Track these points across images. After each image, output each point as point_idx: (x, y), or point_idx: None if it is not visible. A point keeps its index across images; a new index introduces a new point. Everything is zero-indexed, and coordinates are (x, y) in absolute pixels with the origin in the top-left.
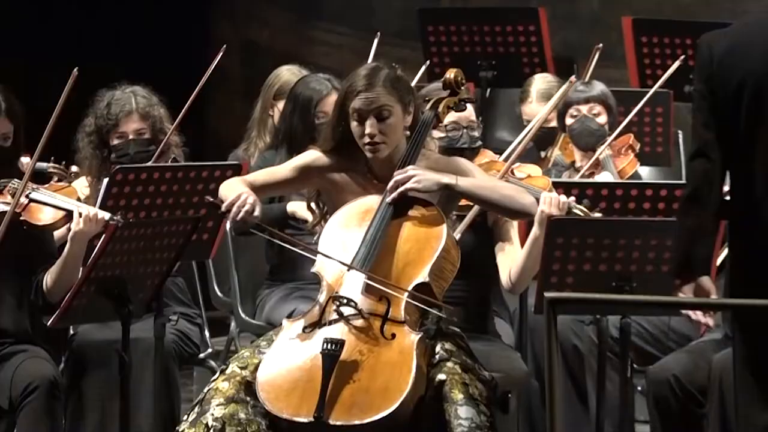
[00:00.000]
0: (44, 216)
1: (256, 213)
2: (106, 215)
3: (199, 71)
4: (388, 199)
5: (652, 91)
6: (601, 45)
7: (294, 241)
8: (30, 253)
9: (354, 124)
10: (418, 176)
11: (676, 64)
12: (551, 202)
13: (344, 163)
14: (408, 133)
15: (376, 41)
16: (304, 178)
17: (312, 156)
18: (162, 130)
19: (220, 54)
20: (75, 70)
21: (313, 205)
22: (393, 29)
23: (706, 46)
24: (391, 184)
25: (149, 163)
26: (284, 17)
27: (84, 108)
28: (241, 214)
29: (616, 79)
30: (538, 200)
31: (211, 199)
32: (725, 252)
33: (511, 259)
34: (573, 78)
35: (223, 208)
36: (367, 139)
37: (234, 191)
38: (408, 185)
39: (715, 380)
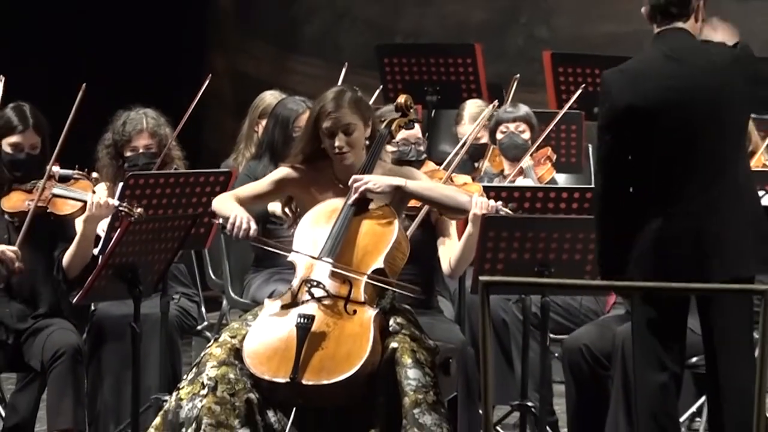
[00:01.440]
0: (65, 207)
1: (252, 229)
2: (116, 202)
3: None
4: (350, 201)
5: (563, 111)
6: (518, 75)
7: (281, 247)
8: (57, 240)
9: (326, 139)
10: (374, 180)
11: (579, 91)
12: (482, 205)
13: (312, 173)
14: (367, 143)
15: (343, 71)
16: (279, 189)
17: (284, 171)
18: (167, 145)
19: (207, 81)
20: (83, 85)
21: (286, 209)
22: (357, 61)
23: (608, 79)
24: (352, 187)
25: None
26: (268, 51)
27: (97, 122)
28: (241, 234)
29: (538, 102)
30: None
31: (219, 221)
32: None
33: (450, 250)
34: (496, 102)
35: (227, 230)
36: (336, 151)
37: (227, 208)
38: (366, 187)
39: (618, 348)
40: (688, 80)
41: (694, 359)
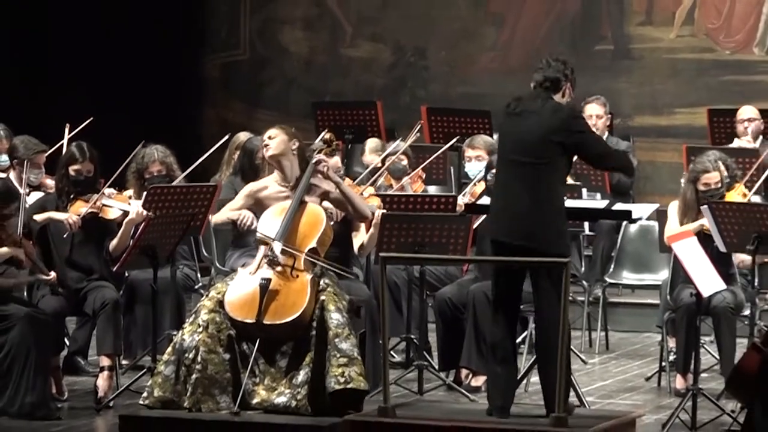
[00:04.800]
0: (111, 213)
1: (255, 224)
2: (146, 212)
3: (193, 136)
4: (298, 195)
5: (442, 148)
6: (421, 122)
7: (264, 235)
8: (104, 233)
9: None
10: (330, 167)
11: (452, 141)
12: (380, 216)
13: (264, 187)
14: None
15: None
16: (250, 199)
17: (250, 188)
18: (173, 169)
19: (224, 139)
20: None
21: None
22: (303, 112)
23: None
24: (308, 178)
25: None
26: (240, 106)
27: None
28: (248, 224)
29: (420, 140)
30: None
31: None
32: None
33: (359, 238)
34: (403, 141)
35: (239, 224)
36: (264, 143)
37: (231, 215)
38: (323, 167)
39: (470, 301)
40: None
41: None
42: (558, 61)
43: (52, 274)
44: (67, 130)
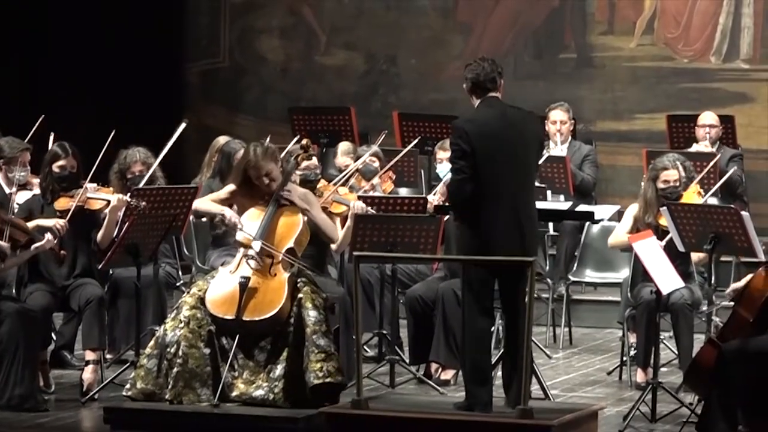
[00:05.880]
0: (96, 204)
1: (240, 225)
2: (128, 198)
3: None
4: (274, 203)
5: (405, 149)
6: (386, 131)
7: (244, 231)
8: (90, 229)
9: (255, 179)
10: (296, 199)
11: (415, 141)
12: (356, 207)
13: (247, 189)
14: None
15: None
16: (231, 197)
17: (232, 187)
18: (154, 170)
19: (181, 127)
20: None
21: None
22: (280, 117)
23: (461, 123)
24: (281, 195)
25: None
26: (220, 111)
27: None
28: (233, 224)
29: (392, 144)
30: (347, 206)
31: (227, 221)
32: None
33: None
34: (373, 145)
35: (226, 222)
36: (266, 183)
37: (214, 208)
38: (291, 198)
39: (439, 298)
40: (505, 125)
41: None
42: (486, 60)
43: (48, 236)
44: (51, 139)
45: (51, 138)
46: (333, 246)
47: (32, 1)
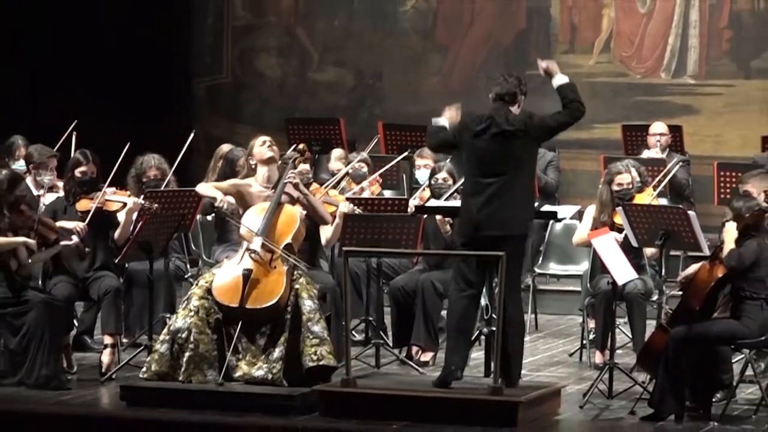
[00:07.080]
0: (113, 206)
1: (226, 207)
2: (141, 200)
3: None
4: (279, 193)
5: (396, 159)
6: (378, 136)
7: (240, 223)
8: (108, 227)
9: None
10: (297, 182)
11: (404, 154)
12: (346, 206)
13: (248, 186)
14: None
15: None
16: (234, 188)
17: (236, 180)
18: (167, 174)
19: (191, 137)
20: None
21: (228, 197)
22: (277, 127)
23: (463, 119)
24: (285, 184)
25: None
26: (224, 121)
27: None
28: (224, 207)
29: (377, 151)
30: (336, 206)
31: (217, 204)
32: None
33: (326, 233)
34: (363, 152)
35: (217, 204)
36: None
37: (211, 192)
38: (293, 182)
39: (419, 288)
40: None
41: None
42: (512, 76)
43: (74, 238)
44: (74, 140)
45: (73, 138)
46: (324, 235)
47: (32, 1)
